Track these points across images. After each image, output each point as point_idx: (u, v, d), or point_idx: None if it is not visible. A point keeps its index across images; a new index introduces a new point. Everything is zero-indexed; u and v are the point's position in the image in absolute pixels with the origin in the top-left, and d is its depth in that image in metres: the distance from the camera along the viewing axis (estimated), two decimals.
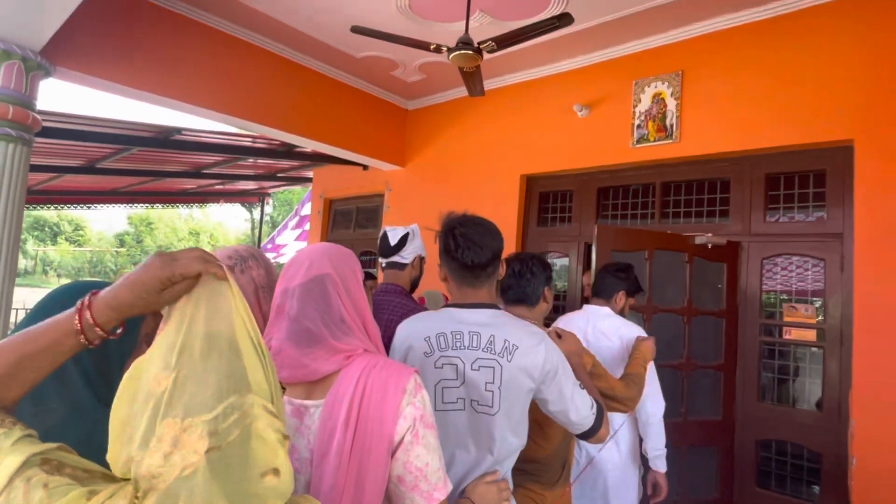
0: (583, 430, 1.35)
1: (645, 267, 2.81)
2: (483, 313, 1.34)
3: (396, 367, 0.95)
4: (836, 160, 2.79)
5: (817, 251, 2.80)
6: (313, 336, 0.94)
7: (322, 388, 0.94)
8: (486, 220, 1.41)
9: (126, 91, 3.27)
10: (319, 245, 1.06)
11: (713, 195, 3.28)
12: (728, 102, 3.06)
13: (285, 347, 0.94)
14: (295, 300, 0.96)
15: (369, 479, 0.87)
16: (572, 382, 1.33)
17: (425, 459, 0.90)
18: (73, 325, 0.67)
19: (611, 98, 3.58)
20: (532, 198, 4.11)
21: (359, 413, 0.89)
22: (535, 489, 1.58)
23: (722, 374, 2.95)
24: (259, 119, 3.85)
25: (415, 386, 0.93)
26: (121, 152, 4.73)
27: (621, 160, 3.50)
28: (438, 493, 0.91)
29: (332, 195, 5.92)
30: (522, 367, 1.28)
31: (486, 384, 1.27)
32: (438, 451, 0.93)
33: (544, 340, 1.32)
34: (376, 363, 0.94)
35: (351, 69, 4.27)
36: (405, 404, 0.90)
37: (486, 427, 1.27)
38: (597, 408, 1.36)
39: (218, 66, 3.60)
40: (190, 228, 23.39)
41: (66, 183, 6.45)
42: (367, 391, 0.90)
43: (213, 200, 8.97)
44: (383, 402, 0.89)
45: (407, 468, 0.89)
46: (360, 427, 0.88)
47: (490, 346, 1.29)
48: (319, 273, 0.98)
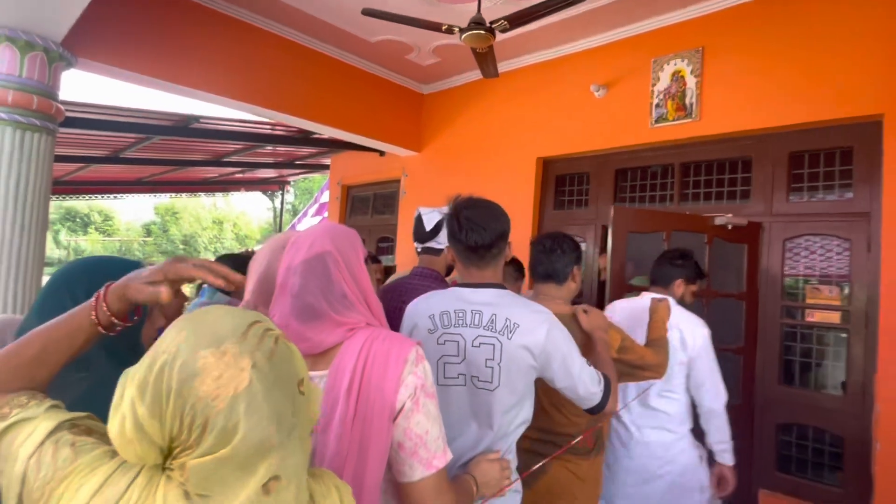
0: (591, 405, 1.38)
1: (662, 249, 2.76)
2: (487, 292, 1.38)
3: (398, 338, 0.97)
4: (865, 136, 2.68)
5: (843, 231, 2.72)
6: (315, 311, 0.96)
7: (325, 359, 0.97)
8: (492, 202, 1.44)
9: (144, 80, 3.33)
10: (321, 224, 1.08)
11: (734, 175, 3.20)
12: (750, 79, 2.97)
13: (289, 323, 0.96)
14: (297, 277, 0.98)
15: (372, 446, 0.89)
16: (579, 360, 1.35)
17: (425, 427, 0.93)
18: (90, 317, 0.73)
19: (629, 77, 3.50)
20: (548, 181, 4.07)
21: (361, 382, 0.91)
22: (572, 459, 1.65)
23: (742, 358, 2.90)
24: (276, 106, 3.88)
25: (416, 357, 0.95)
26: (142, 141, 4.83)
27: (639, 141, 3.43)
28: (438, 461, 0.94)
29: (350, 182, 5.95)
30: (523, 345, 1.30)
31: (486, 361, 1.30)
32: (439, 421, 0.96)
33: (547, 320, 1.34)
34: (378, 335, 0.96)
35: (366, 54, 4.26)
36: (406, 373, 0.92)
37: (486, 403, 1.30)
38: (604, 383, 1.39)
39: (234, 53, 3.63)
40: (214, 217, 23.81)
41: (93, 173, 6.63)
42: (370, 361, 0.92)
43: (234, 189, 9.11)
44: (385, 372, 0.91)
45: (407, 435, 0.92)
46: (362, 395, 0.90)
47: (491, 324, 1.32)
48: (321, 251, 0.99)
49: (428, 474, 0.92)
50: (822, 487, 2.74)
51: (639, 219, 2.78)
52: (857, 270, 2.67)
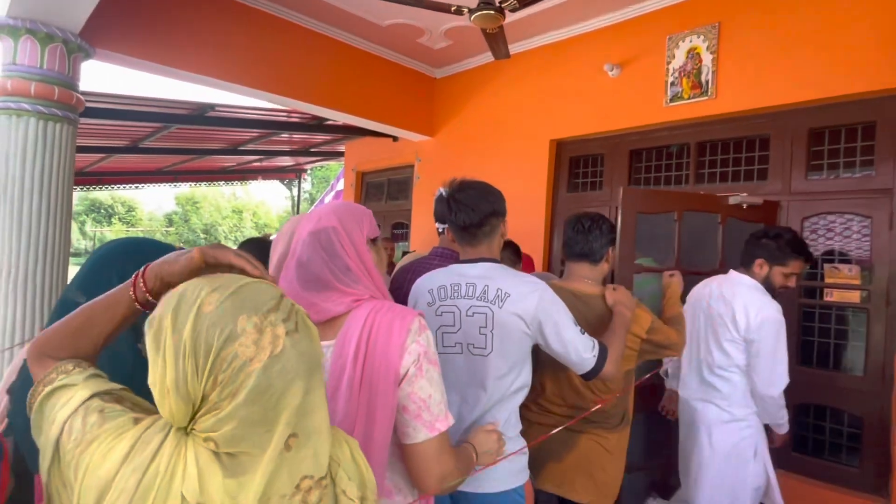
0: (584, 370, 1.47)
1: (674, 229, 2.73)
2: (480, 266, 1.49)
3: (401, 309, 1.03)
4: (888, 110, 2.60)
5: (864, 209, 2.65)
6: (321, 281, 1.03)
7: (333, 329, 1.02)
8: (484, 183, 1.55)
9: (160, 69, 3.38)
10: (333, 202, 1.16)
11: (751, 154, 3.13)
12: (768, 54, 2.89)
13: (295, 289, 1.03)
14: (304, 247, 1.05)
15: (379, 408, 0.96)
16: (572, 328, 1.44)
17: (428, 391, 0.99)
18: (129, 293, 0.78)
19: (643, 56, 3.44)
20: (562, 163, 4.04)
21: (367, 349, 0.97)
22: (600, 433, 1.75)
23: None
24: (289, 93, 3.91)
25: (419, 326, 1.01)
26: (161, 131, 4.92)
27: (654, 120, 3.38)
28: (440, 424, 1.00)
29: (364, 168, 5.98)
30: (514, 313, 1.40)
31: (479, 328, 1.41)
32: (441, 387, 1.02)
33: (538, 289, 1.43)
34: (383, 306, 1.02)
35: (377, 39, 4.26)
36: (410, 341, 0.98)
37: (481, 367, 1.40)
38: (598, 350, 1.47)
39: (247, 41, 3.66)
40: (233, 206, 24.18)
41: (114, 164, 6.78)
42: (374, 330, 0.98)
43: (251, 177, 9.23)
44: (389, 340, 0.97)
45: (411, 398, 0.98)
46: (367, 362, 0.96)
47: (484, 294, 1.43)
48: (326, 225, 1.06)
49: (431, 436, 0.98)
50: (839, 468, 2.72)
51: (649, 199, 2.73)
52: (877, 249, 2.61)
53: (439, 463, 0.98)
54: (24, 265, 2.73)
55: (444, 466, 0.99)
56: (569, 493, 1.74)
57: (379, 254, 1.15)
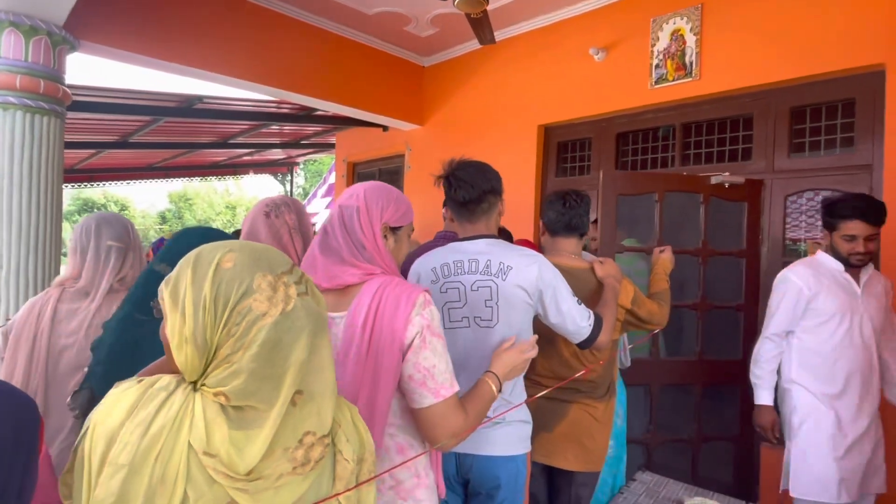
0: (580, 339, 1.53)
1: (655, 210, 2.77)
2: (480, 243, 1.54)
3: (409, 285, 1.11)
4: (866, 87, 2.64)
5: (845, 184, 2.70)
6: (338, 253, 1.12)
7: (346, 300, 1.11)
8: (482, 162, 1.60)
9: (145, 61, 3.38)
10: (368, 182, 1.22)
11: (735, 133, 3.17)
12: (750, 34, 2.92)
13: (317, 254, 1.12)
14: (331, 217, 1.16)
15: (383, 375, 1.04)
16: (569, 298, 1.50)
17: (432, 361, 1.06)
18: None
19: (628, 39, 3.46)
20: (550, 148, 4.06)
21: (374, 320, 1.05)
22: (589, 402, 1.83)
23: (742, 314, 2.92)
24: (277, 83, 3.91)
25: (424, 301, 1.08)
26: (150, 125, 4.90)
27: (640, 103, 3.41)
28: (445, 391, 1.06)
29: (355, 158, 5.99)
30: (517, 284, 1.45)
31: (485, 301, 1.46)
32: (446, 357, 1.09)
33: (537, 261, 1.49)
34: (392, 280, 1.10)
35: (364, 27, 4.26)
36: (414, 314, 1.05)
37: (488, 338, 1.46)
38: (594, 320, 1.53)
39: (234, 32, 3.65)
40: (227, 203, 24.08)
41: (104, 160, 6.76)
42: (383, 302, 1.06)
43: (243, 172, 9.19)
44: (396, 312, 1.05)
45: (416, 368, 1.05)
46: (375, 331, 1.04)
47: (487, 268, 1.48)
48: (351, 203, 1.15)
49: (436, 401, 1.05)
50: None
51: (629, 181, 2.77)
52: None
53: (446, 424, 1.06)
54: (16, 261, 2.74)
55: (452, 426, 1.06)
56: (560, 462, 1.80)
57: (399, 243, 1.21)
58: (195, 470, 0.63)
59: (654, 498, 1.67)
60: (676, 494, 1.69)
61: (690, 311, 2.86)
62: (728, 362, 2.92)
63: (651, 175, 3.01)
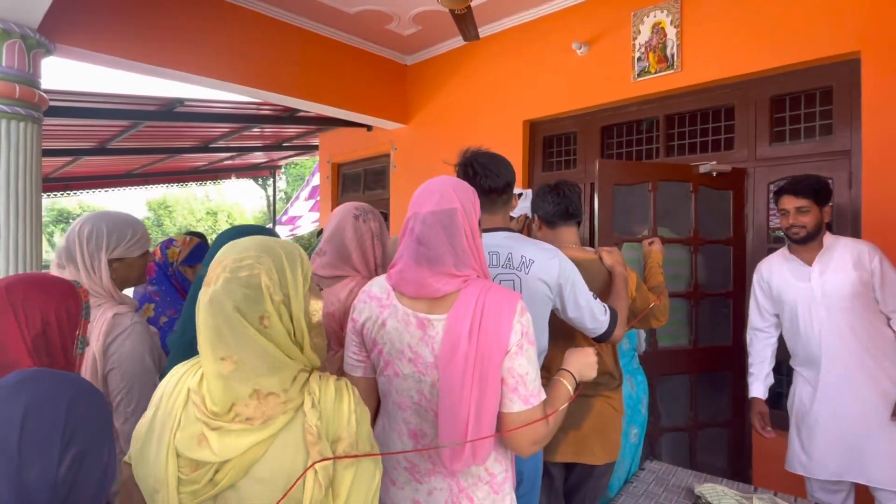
0: (598, 333, 1.52)
1: (648, 199, 2.81)
2: (499, 235, 1.53)
3: (506, 291, 1.11)
4: (843, 75, 2.71)
5: (825, 170, 2.76)
6: (437, 260, 1.10)
7: (443, 305, 1.10)
8: (499, 154, 1.60)
9: (124, 64, 3.31)
10: (445, 179, 1.19)
11: (718, 124, 3.23)
12: (729, 25, 2.97)
13: (409, 266, 1.10)
14: (425, 227, 1.11)
15: (490, 380, 1.05)
16: (587, 294, 1.50)
17: (526, 369, 1.07)
18: None
19: (610, 33, 3.50)
20: (536, 143, 4.09)
21: (480, 326, 1.05)
22: (609, 394, 1.80)
23: (731, 301, 2.98)
24: (258, 84, 3.86)
25: (522, 308, 1.10)
26: (128, 130, 4.81)
27: (623, 96, 3.45)
28: (534, 399, 1.08)
29: (339, 159, 5.95)
30: (539, 278, 1.45)
31: None
32: (537, 365, 1.11)
33: (557, 255, 1.49)
34: (490, 287, 1.10)
35: (346, 27, 4.23)
36: (515, 321, 1.07)
37: None
38: (610, 314, 1.53)
39: (214, 32, 3.60)
40: (207, 209, 23.72)
41: (82, 168, 6.61)
42: (487, 308, 1.06)
43: (224, 176, 9.07)
44: (500, 318, 1.06)
45: (510, 373, 1.07)
46: (481, 338, 1.05)
47: (509, 262, 1.47)
48: (450, 206, 1.12)
49: (525, 408, 1.07)
50: None
51: (624, 171, 2.81)
52: (839, 208, 2.72)
53: (530, 431, 1.07)
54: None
55: (535, 434, 1.08)
56: (588, 458, 1.75)
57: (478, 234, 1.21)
58: (190, 408, 0.84)
59: (664, 486, 1.69)
60: (686, 482, 1.71)
61: (684, 299, 2.88)
62: (719, 348, 2.97)
63: (644, 165, 3.03)
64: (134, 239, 1.55)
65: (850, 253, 2.03)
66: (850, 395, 2.02)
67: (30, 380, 0.66)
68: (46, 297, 1.02)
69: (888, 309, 2.01)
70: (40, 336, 0.99)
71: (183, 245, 1.94)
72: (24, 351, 0.96)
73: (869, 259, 2.00)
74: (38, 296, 1.01)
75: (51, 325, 1.01)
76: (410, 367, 1.11)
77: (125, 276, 1.55)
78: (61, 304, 1.04)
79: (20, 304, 0.98)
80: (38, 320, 0.99)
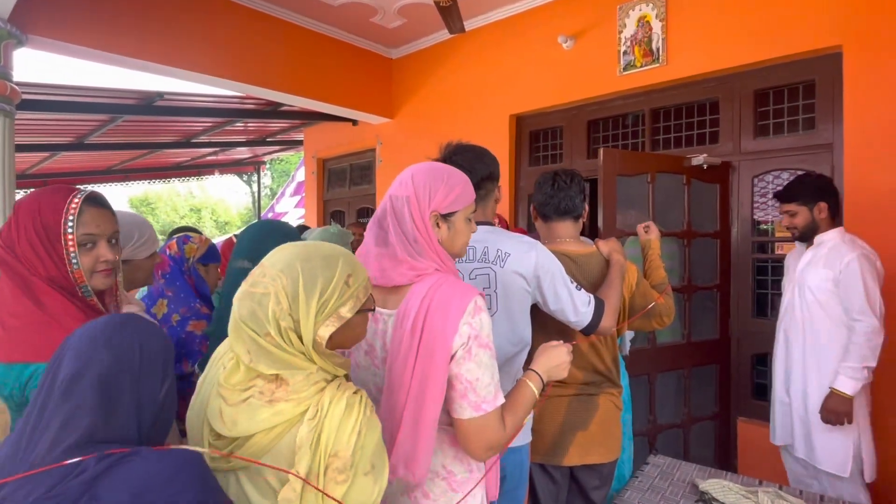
0: (582, 325, 1.48)
1: (648, 191, 2.79)
2: (478, 230, 1.46)
3: (461, 287, 1.03)
4: (825, 68, 2.73)
5: (808, 163, 2.79)
6: (388, 244, 1.07)
7: (395, 298, 1.07)
8: (480, 147, 1.57)
9: (101, 56, 3.22)
10: (419, 165, 1.14)
11: (703, 117, 3.24)
12: (713, 19, 2.98)
13: (371, 247, 1.09)
14: (382, 209, 1.10)
15: (431, 381, 0.98)
16: (568, 286, 1.46)
17: (476, 374, 1.00)
18: None
19: (595, 26, 3.49)
20: (522, 137, 4.08)
21: (424, 325, 0.99)
22: (612, 391, 1.76)
23: (718, 294, 3.00)
24: (242, 77, 3.79)
25: (474, 307, 1.01)
26: (107, 124, 4.70)
27: (609, 90, 3.45)
28: (487, 406, 1.01)
29: (324, 154, 5.88)
30: (515, 271, 1.42)
31: (483, 289, 1.42)
32: (492, 370, 1.03)
33: (535, 248, 1.45)
34: (444, 282, 1.03)
35: (331, 20, 4.17)
36: (462, 323, 0.99)
37: None
38: (595, 304, 1.48)
39: (196, 25, 3.52)
40: (191, 206, 23.37)
41: (59, 164, 6.45)
42: (433, 306, 1.00)
43: (208, 172, 8.92)
44: (445, 318, 0.99)
45: (458, 379, 1.00)
46: (424, 337, 0.99)
47: (484, 256, 1.44)
48: (402, 193, 1.08)
49: (476, 415, 1.00)
50: None
51: (626, 161, 2.72)
52: None
53: (483, 438, 1.01)
54: None
55: (490, 440, 1.02)
56: (596, 458, 1.70)
57: (454, 231, 1.12)
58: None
59: (668, 480, 1.69)
60: (690, 476, 1.71)
61: (678, 294, 2.87)
62: (710, 342, 2.98)
63: (643, 156, 3.00)
64: (141, 240, 1.50)
65: (829, 252, 2.10)
66: (800, 382, 2.17)
67: (133, 318, 0.82)
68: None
69: (848, 313, 2.03)
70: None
71: (200, 243, 1.88)
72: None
73: (841, 260, 2.04)
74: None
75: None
76: (367, 359, 1.10)
77: (132, 277, 1.50)
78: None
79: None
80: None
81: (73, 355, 0.73)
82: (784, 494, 1.52)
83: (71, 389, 0.70)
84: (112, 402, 0.71)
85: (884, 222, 2.45)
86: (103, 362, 0.73)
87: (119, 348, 0.75)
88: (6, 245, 1.07)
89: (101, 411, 0.70)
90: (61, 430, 0.68)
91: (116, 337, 0.76)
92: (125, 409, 0.73)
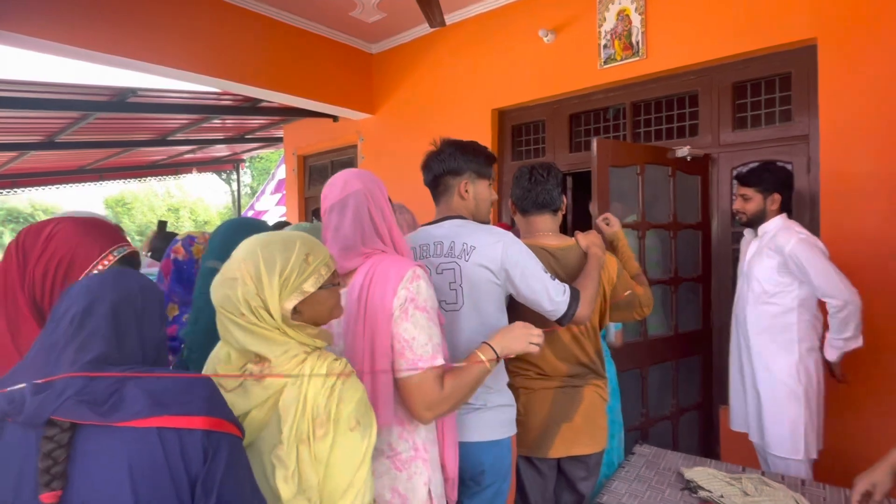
0: (558, 315, 1.46)
1: (637, 182, 2.80)
2: (445, 225, 1.51)
3: (402, 261, 1.17)
4: (801, 61, 2.78)
5: (785, 155, 2.83)
6: (349, 242, 1.18)
7: (347, 280, 1.19)
8: (458, 142, 1.59)
9: (72, 51, 3.12)
10: (346, 170, 1.28)
11: (682, 110, 3.27)
12: (692, 12, 3.01)
13: (333, 252, 1.15)
14: (335, 214, 1.21)
15: (377, 337, 1.11)
16: (540, 276, 1.44)
17: (412, 333, 1.11)
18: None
19: (576, 20, 3.50)
20: (504, 132, 4.07)
21: (367, 293, 1.12)
22: (598, 382, 1.76)
23: (700, 285, 3.03)
24: (219, 73, 3.71)
25: (412, 275, 1.14)
26: (79, 122, 4.56)
27: (590, 83, 3.46)
28: (423, 363, 1.10)
29: (305, 151, 5.81)
30: (480, 264, 1.42)
31: (449, 284, 1.42)
32: (429, 331, 1.13)
33: (503, 239, 1.44)
34: (386, 258, 1.17)
35: (309, 14, 4.10)
36: (400, 287, 1.12)
37: (456, 322, 1.42)
38: (570, 293, 1.47)
39: (168, 18, 3.42)
40: (169, 205, 22.92)
41: (29, 163, 6.26)
42: (375, 277, 1.14)
43: (185, 170, 8.75)
44: (384, 284, 1.12)
45: (396, 338, 1.11)
46: (368, 303, 1.12)
47: (450, 250, 1.44)
48: (353, 189, 1.20)
49: (412, 373, 1.10)
50: None
51: (618, 151, 2.70)
52: (799, 191, 2.79)
53: (420, 396, 1.10)
54: None
55: (426, 399, 1.11)
56: (581, 449, 1.70)
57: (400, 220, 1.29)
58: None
59: (654, 469, 1.70)
60: (675, 465, 1.72)
61: (666, 286, 2.91)
62: (695, 333, 3.02)
63: (634, 146, 2.99)
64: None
65: (770, 241, 2.17)
66: (750, 369, 2.26)
67: (132, 271, 0.92)
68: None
69: (819, 293, 2.07)
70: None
71: (205, 241, 1.82)
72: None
73: (783, 248, 2.10)
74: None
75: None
76: (335, 330, 1.19)
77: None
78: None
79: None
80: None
81: (84, 292, 0.81)
82: (767, 480, 1.55)
83: (85, 320, 0.78)
84: (121, 333, 0.80)
85: (858, 210, 2.50)
86: (112, 298, 0.81)
87: (125, 289, 0.84)
88: (21, 253, 1.11)
89: (113, 339, 0.79)
90: (79, 352, 0.76)
91: (122, 279, 0.86)
92: (132, 340, 0.81)
